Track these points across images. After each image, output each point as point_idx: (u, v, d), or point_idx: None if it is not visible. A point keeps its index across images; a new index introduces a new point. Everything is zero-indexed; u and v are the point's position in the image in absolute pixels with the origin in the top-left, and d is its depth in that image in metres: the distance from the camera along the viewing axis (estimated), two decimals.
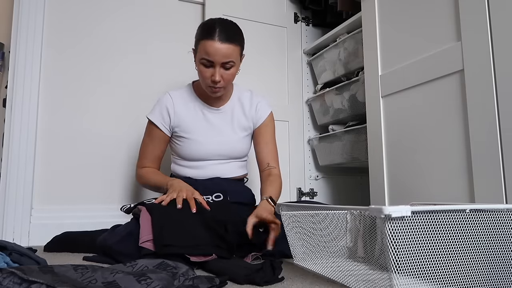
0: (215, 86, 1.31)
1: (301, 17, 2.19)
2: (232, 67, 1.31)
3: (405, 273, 0.67)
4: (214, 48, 1.25)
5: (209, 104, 1.44)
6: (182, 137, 1.40)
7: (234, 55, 1.29)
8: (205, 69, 1.30)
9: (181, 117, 1.40)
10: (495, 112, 1.00)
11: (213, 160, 1.41)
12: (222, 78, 1.29)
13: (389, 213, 0.65)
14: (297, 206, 1.04)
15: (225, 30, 1.27)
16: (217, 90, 1.33)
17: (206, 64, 1.29)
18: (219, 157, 1.41)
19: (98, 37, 1.77)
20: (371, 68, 1.45)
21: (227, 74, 1.31)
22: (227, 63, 1.28)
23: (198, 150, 1.39)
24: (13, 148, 1.57)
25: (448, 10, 1.16)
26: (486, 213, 0.74)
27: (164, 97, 1.43)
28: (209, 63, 1.28)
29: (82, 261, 1.16)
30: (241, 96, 1.48)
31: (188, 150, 1.40)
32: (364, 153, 1.65)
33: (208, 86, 1.33)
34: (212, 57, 1.26)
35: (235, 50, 1.29)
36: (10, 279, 0.67)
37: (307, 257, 1.02)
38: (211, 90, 1.34)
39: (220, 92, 1.36)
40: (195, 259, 1.02)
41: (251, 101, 1.47)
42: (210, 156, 1.40)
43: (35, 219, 1.58)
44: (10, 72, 1.62)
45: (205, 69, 1.30)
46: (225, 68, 1.30)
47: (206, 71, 1.30)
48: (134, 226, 1.12)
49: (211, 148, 1.40)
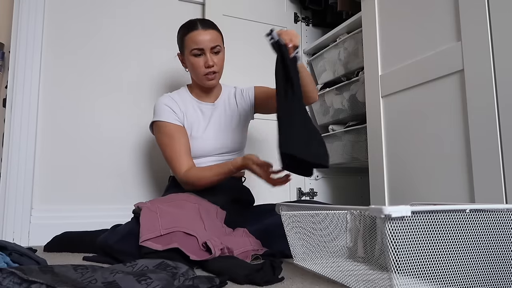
0: (210, 72, 1.38)
1: (301, 17, 2.19)
2: (220, 51, 1.41)
3: (405, 273, 0.67)
4: (201, 36, 1.37)
5: (204, 101, 1.48)
6: None
7: (219, 40, 1.41)
8: (197, 59, 1.38)
9: (184, 116, 1.43)
10: (495, 112, 1.00)
11: (212, 156, 1.42)
12: (215, 62, 1.38)
13: (389, 213, 0.65)
14: (297, 206, 1.04)
15: (204, 20, 1.43)
16: (213, 77, 1.41)
17: (197, 53, 1.38)
18: (219, 150, 1.43)
19: (98, 37, 1.77)
20: (371, 68, 1.45)
21: (218, 58, 1.40)
22: (215, 47, 1.38)
23: (198, 146, 1.41)
24: (13, 148, 1.57)
25: (448, 10, 1.16)
26: (486, 213, 0.74)
27: (164, 98, 1.44)
28: (199, 51, 1.37)
29: (82, 261, 1.16)
30: (228, 89, 1.56)
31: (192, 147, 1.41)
32: (364, 153, 1.65)
33: (203, 75, 1.40)
34: (201, 44, 1.36)
35: (218, 36, 1.41)
36: (10, 279, 0.67)
37: (307, 257, 1.02)
38: (207, 78, 1.40)
39: (216, 80, 1.42)
40: (195, 258, 1.01)
41: (236, 91, 1.56)
42: (211, 150, 1.42)
43: (35, 219, 1.58)
44: (10, 72, 1.62)
45: (197, 60, 1.38)
46: (215, 53, 1.39)
47: (199, 60, 1.38)
48: (134, 225, 1.12)
49: (211, 143, 1.42)
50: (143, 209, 1.14)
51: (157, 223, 1.08)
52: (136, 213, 1.17)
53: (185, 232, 1.06)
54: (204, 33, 1.37)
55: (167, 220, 1.09)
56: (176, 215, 1.11)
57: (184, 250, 1.02)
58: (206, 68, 1.38)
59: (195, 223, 1.12)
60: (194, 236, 1.05)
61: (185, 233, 1.06)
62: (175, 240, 1.03)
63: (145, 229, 1.06)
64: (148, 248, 1.03)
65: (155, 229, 1.06)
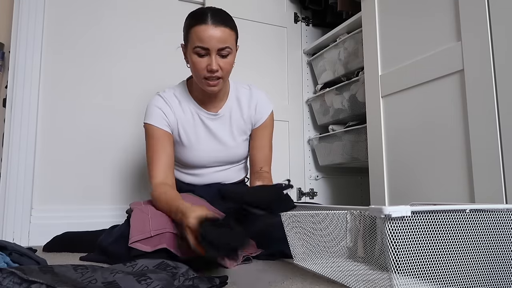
0: (212, 77, 1.17)
1: (301, 17, 2.19)
2: (229, 54, 1.17)
3: (405, 273, 0.67)
4: (209, 33, 1.13)
5: (205, 108, 1.30)
6: (180, 144, 1.30)
7: (230, 40, 1.16)
8: (200, 59, 1.16)
9: (178, 122, 1.28)
10: (495, 112, 1.00)
11: (212, 167, 1.35)
12: (220, 67, 1.16)
13: (389, 213, 0.65)
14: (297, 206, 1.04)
15: (217, 14, 1.17)
16: (215, 84, 1.19)
17: (201, 53, 1.15)
18: (218, 163, 1.34)
19: (98, 37, 1.77)
20: (371, 68, 1.45)
21: (225, 62, 1.17)
22: (224, 49, 1.15)
23: (195, 157, 1.30)
24: (13, 148, 1.57)
25: (448, 10, 1.16)
26: (486, 213, 0.74)
27: (158, 100, 1.28)
28: (204, 51, 1.15)
29: (80, 261, 1.16)
30: (239, 94, 1.34)
31: (185, 158, 1.31)
32: (364, 153, 1.65)
33: (203, 79, 1.18)
34: (207, 43, 1.13)
35: (231, 35, 1.17)
36: (10, 279, 0.67)
37: (307, 257, 1.02)
38: (207, 83, 1.19)
39: (218, 86, 1.20)
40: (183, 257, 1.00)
41: (250, 100, 1.34)
42: (209, 163, 1.33)
43: (35, 219, 1.58)
44: (10, 72, 1.62)
45: (199, 59, 1.16)
46: (222, 56, 1.16)
47: (201, 61, 1.16)
48: (126, 227, 1.11)
49: (209, 156, 1.31)
50: (134, 210, 1.12)
51: (147, 224, 1.06)
52: (129, 214, 1.16)
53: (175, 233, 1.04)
54: (213, 30, 1.13)
55: (158, 221, 1.07)
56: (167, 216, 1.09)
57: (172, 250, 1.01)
58: (208, 72, 1.16)
59: None
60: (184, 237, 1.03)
61: (175, 234, 1.04)
62: (164, 241, 1.02)
63: (135, 231, 1.05)
64: (137, 250, 1.01)
65: (145, 230, 1.04)
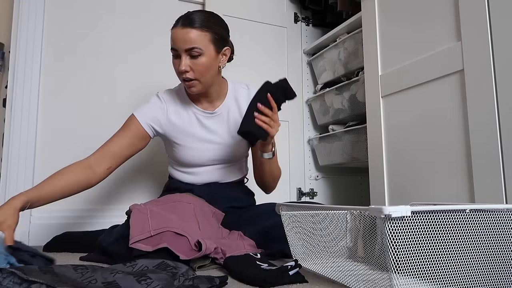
0: (185, 78, 1.21)
1: (301, 17, 2.19)
2: (200, 55, 1.19)
3: (405, 273, 0.67)
4: (176, 34, 1.19)
5: (201, 107, 1.34)
6: (176, 144, 1.34)
7: (199, 41, 1.18)
8: (175, 60, 1.23)
9: (174, 123, 1.32)
10: (495, 112, 1.00)
11: (210, 166, 1.36)
12: (191, 69, 1.20)
13: (389, 213, 0.65)
14: (297, 206, 1.04)
15: (191, 16, 1.20)
16: (191, 84, 1.22)
17: (174, 54, 1.22)
18: (216, 162, 1.36)
19: (98, 37, 1.77)
20: (371, 68, 1.45)
21: (195, 64, 1.19)
22: (191, 49, 1.17)
23: (193, 157, 1.33)
24: (13, 148, 1.57)
25: (448, 10, 1.16)
26: (486, 213, 0.74)
27: (156, 100, 1.33)
28: (175, 52, 1.21)
29: (80, 261, 1.16)
30: (237, 94, 1.38)
31: (183, 157, 1.34)
32: (364, 153, 1.65)
33: (182, 80, 1.24)
34: (175, 44, 1.19)
35: (200, 35, 1.18)
36: (10, 279, 0.67)
37: (307, 257, 1.02)
38: (185, 84, 1.24)
39: (196, 88, 1.24)
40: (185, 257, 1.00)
41: (248, 99, 1.35)
42: (207, 162, 1.35)
43: (35, 219, 1.58)
44: (10, 72, 1.62)
45: (174, 61, 1.23)
46: (192, 56, 1.19)
47: (175, 62, 1.23)
48: (126, 227, 1.11)
49: (207, 155, 1.34)
50: (133, 211, 1.12)
51: (147, 224, 1.06)
52: (129, 215, 1.16)
53: (176, 232, 1.04)
54: (180, 31, 1.18)
55: (157, 220, 1.07)
56: (166, 216, 1.09)
57: (173, 249, 1.00)
58: (179, 73, 1.22)
59: (188, 223, 1.10)
60: (185, 236, 1.04)
61: (175, 233, 1.04)
62: (165, 240, 1.02)
63: (135, 231, 1.05)
64: (138, 251, 1.01)
65: (145, 230, 1.04)
